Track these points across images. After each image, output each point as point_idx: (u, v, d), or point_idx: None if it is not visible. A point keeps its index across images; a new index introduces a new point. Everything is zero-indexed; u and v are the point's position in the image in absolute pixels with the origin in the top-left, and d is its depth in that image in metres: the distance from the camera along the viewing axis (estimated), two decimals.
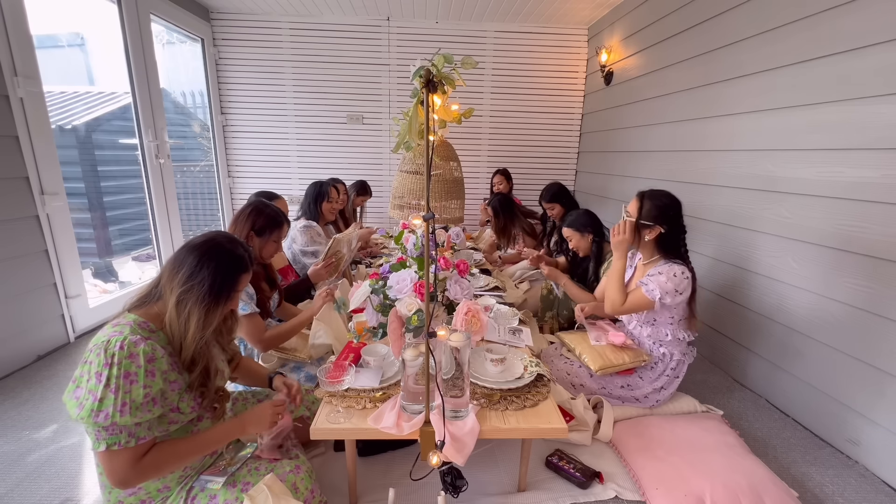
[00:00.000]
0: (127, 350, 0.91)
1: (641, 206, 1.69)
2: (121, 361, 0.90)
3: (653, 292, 1.60)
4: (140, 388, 0.91)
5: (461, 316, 1.49)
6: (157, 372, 0.95)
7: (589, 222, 2.27)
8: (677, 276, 1.60)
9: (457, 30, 4.22)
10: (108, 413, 0.88)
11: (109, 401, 0.88)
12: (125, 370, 0.90)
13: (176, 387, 1.00)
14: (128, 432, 0.91)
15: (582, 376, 1.78)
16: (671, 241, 1.68)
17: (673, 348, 1.75)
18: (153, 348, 0.95)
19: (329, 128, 4.42)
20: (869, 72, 1.61)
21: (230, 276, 1.06)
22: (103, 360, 0.90)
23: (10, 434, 1.70)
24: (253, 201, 1.76)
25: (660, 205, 1.67)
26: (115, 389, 0.89)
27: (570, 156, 4.61)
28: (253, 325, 1.59)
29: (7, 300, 2.11)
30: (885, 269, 1.56)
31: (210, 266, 1.02)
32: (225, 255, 1.06)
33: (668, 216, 1.66)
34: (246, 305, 1.57)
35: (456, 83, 1.16)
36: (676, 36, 2.76)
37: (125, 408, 0.89)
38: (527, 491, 1.42)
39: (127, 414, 0.89)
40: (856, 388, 1.67)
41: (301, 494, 1.08)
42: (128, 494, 1.02)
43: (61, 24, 3.10)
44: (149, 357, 0.93)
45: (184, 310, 0.99)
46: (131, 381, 0.91)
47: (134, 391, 0.91)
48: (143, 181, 3.25)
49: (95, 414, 0.88)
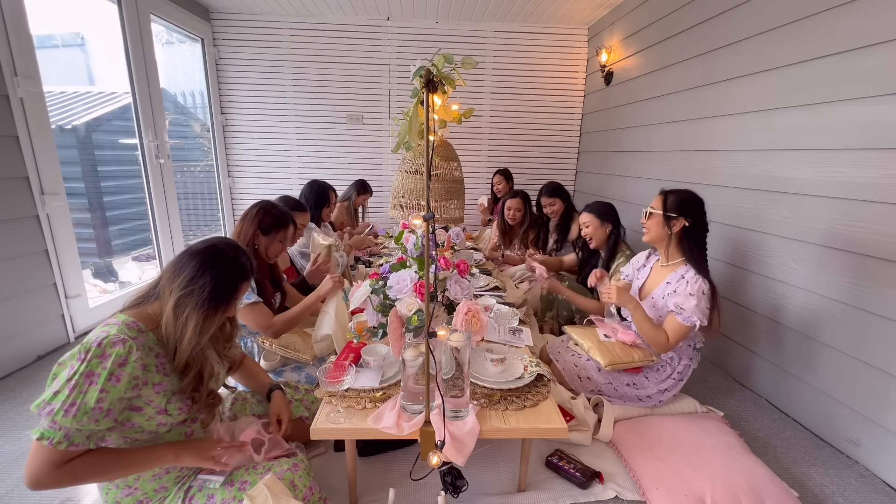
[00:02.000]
0: (102, 349, 0.90)
1: (666, 200, 1.68)
2: (91, 359, 0.89)
3: (691, 319, 1.56)
4: (96, 391, 0.88)
5: (461, 316, 1.49)
6: (124, 377, 0.91)
7: (610, 213, 2.26)
8: (705, 294, 1.59)
9: (457, 30, 4.22)
10: (53, 409, 0.86)
11: (62, 396, 0.86)
12: (90, 369, 0.88)
13: (162, 388, 0.98)
14: (65, 433, 0.87)
15: (589, 370, 1.77)
16: (696, 238, 1.66)
17: (681, 353, 1.75)
18: (129, 351, 0.92)
19: (329, 128, 4.42)
20: (869, 72, 1.61)
21: (231, 284, 1.06)
22: (77, 354, 0.90)
23: (10, 434, 1.70)
24: (260, 201, 1.78)
25: (684, 198, 1.66)
26: (72, 387, 0.87)
27: (570, 156, 4.61)
28: (259, 314, 1.60)
29: (7, 300, 2.11)
30: (886, 269, 1.56)
31: (212, 272, 1.02)
32: (228, 263, 1.05)
33: (691, 209, 1.65)
34: (250, 294, 1.58)
35: (456, 83, 1.16)
36: (676, 36, 2.76)
37: (72, 408, 0.86)
38: (527, 491, 1.42)
39: (70, 416, 0.86)
40: (856, 388, 1.67)
41: (300, 492, 1.08)
42: (124, 495, 1.02)
43: (61, 24, 3.10)
44: (120, 361, 0.91)
45: (182, 313, 0.99)
46: (90, 382, 0.88)
47: (89, 393, 0.87)
48: (143, 181, 3.26)
49: (44, 405, 0.86)
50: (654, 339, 1.64)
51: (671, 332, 1.62)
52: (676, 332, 1.61)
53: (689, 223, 1.65)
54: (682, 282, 1.64)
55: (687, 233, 1.66)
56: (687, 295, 1.59)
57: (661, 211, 1.68)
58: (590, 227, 2.27)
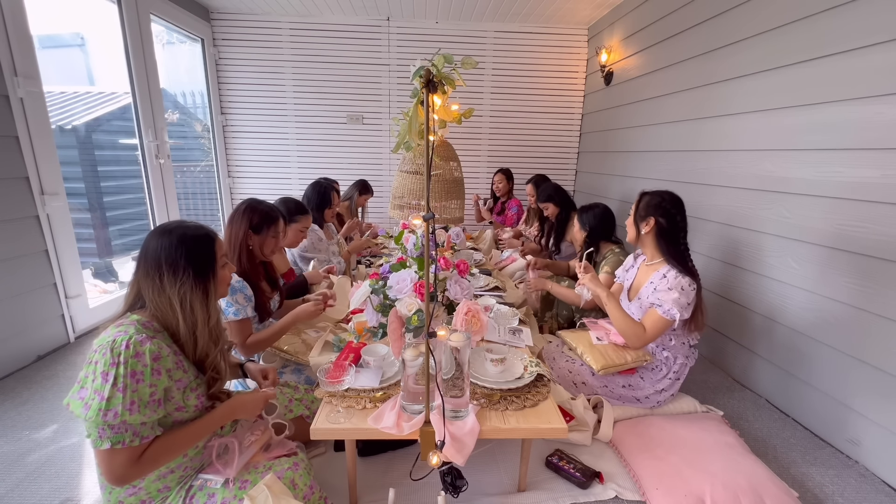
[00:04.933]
0: (133, 349, 0.92)
1: (639, 202, 1.74)
2: (127, 360, 0.90)
3: (670, 312, 1.58)
4: (146, 386, 0.93)
5: (461, 316, 1.49)
6: (163, 370, 0.96)
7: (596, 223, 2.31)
8: (686, 289, 1.60)
9: (457, 30, 4.22)
10: (116, 412, 0.89)
11: (118, 400, 0.89)
12: (132, 369, 0.91)
13: (181, 385, 1.01)
14: (133, 431, 0.92)
15: (584, 374, 1.78)
16: (671, 237, 1.68)
17: (676, 352, 1.75)
18: (159, 347, 0.96)
19: (329, 128, 4.42)
20: (869, 72, 1.61)
21: (204, 251, 1.07)
22: (110, 359, 0.90)
23: (10, 434, 1.70)
24: (244, 201, 1.74)
25: (652, 199, 1.70)
26: (122, 388, 0.89)
27: (570, 156, 4.61)
28: (240, 330, 1.58)
29: (7, 300, 2.11)
30: (885, 268, 1.56)
31: (182, 253, 1.03)
32: (187, 236, 1.06)
33: (661, 209, 1.67)
34: (239, 310, 1.56)
35: (456, 83, 1.16)
36: (676, 36, 2.76)
37: (134, 406, 0.90)
38: (527, 491, 1.42)
39: (136, 412, 0.90)
40: (856, 387, 1.67)
41: (300, 491, 1.08)
42: (128, 495, 1.02)
43: (61, 24, 3.10)
44: (154, 356, 0.94)
45: (187, 305, 1.02)
46: (138, 381, 0.91)
47: (141, 390, 0.92)
48: (143, 181, 3.26)
49: (104, 413, 0.88)
50: (628, 330, 1.65)
51: (649, 325, 1.63)
52: (655, 325, 1.62)
53: (661, 223, 1.68)
54: (664, 280, 1.66)
55: (661, 232, 1.69)
56: (667, 289, 1.62)
57: (633, 212, 1.75)
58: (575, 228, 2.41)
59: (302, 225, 2.20)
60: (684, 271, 1.63)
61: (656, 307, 1.62)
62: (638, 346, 1.68)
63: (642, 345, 1.67)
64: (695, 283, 1.62)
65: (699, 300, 1.65)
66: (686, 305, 1.59)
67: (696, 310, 1.64)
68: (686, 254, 1.69)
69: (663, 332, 1.66)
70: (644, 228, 1.71)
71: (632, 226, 1.76)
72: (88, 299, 2.60)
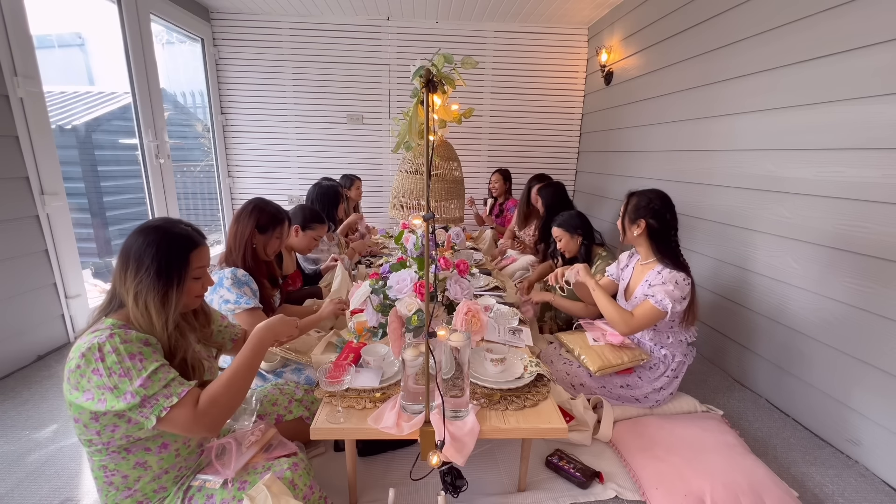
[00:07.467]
0: (119, 339, 0.91)
1: (627, 204, 1.75)
2: (116, 349, 0.89)
3: (663, 303, 1.59)
4: (151, 362, 0.92)
5: (461, 316, 1.49)
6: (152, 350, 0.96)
7: (579, 224, 2.29)
8: (680, 283, 1.62)
9: (457, 30, 4.22)
10: (132, 392, 0.88)
11: (126, 383, 0.89)
12: (128, 353, 0.90)
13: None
14: (163, 395, 0.91)
15: (581, 376, 1.78)
16: (662, 237, 1.69)
17: (674, 350, 1.75)
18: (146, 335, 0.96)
19: (329, 128, 4.42)
20: (869, 72, 1.61)
21: (176, 255, 1.02)
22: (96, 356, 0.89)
23: (10, 434, 1.70)
24: (252, 200, 1.77)
25: (640, 202, 1.71)
26: (125, 371, 0.89)
27: (570, 156, 4.61)
28: (251, 319, 1.59)
29: (7, 300, 2.11)
30: (886, 268, 1.56)
31: (151, 251, 0.99)
32: (163, 236, 1.02)
33: (650, 211, 1.68)
34: (250, 300, 1.59)
35: (456, 83, 1.15)
36: (676, 36, 2.76)
37: (150, 380, 0.90)
38: (527, 491, 1.42)
39: (150, 385, 0.90)
40: (856, 387, 1.67)
41: (300, 491, 1.08)
42: (124, 497, 1.01)
43: (61, 24, 3.10)
44: (142, 340, 0.94)
45: (141, 301, 0.97)
46: (140, 359, 0.91)
47: (146, 362, 0.92)
48: (143, 181, 3.26)
49: (122, 397, 0.88)
50: (616, 315, 1.66)
51: (639, 313, 1.64)
52: (645, 313, 1.63)
53: (651, 224, 1.69)
54: (658, 276, 1.68)
55: (652, 233, 1.70)
56: (661, 283, 1.63)
57: (621, 214, 1.76)
58: (562, 240, 2.32)
59: (317, 233, 2.25)
60: (677, 267, 1.65)
61: (649, 297, 1.63)
62: (626, 332, 1.68)
63: (630, 331, 1.67)
64: (689, 279, 1.64)
65: (693, 295, 1.66)
66: (680, 299, 1.60)
67: (690, 303, 1.66)
68: (677, 249, 1.71)
69: (654, 322, 1.66)
70: (635, 231, 1.72)
71: (622, 228, 1.78)
72: (88, 299, 2.60)
